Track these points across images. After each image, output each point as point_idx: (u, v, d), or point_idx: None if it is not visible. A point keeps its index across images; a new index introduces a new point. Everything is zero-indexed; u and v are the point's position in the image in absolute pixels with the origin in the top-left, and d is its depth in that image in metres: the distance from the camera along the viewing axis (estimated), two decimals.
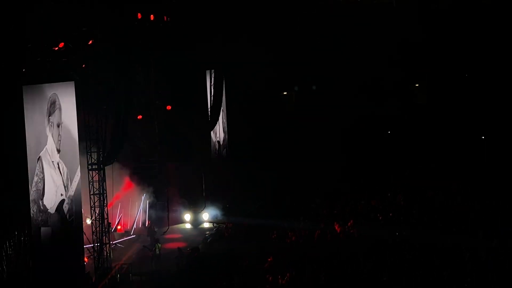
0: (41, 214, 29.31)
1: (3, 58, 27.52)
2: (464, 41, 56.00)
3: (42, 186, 29.53)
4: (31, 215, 28.61)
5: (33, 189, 28.95)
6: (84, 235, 33.32)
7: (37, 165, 29.23)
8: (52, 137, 30.22)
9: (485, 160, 51.62)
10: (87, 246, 34.28)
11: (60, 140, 30.75)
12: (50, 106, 30.26)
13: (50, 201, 30.03)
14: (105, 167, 34.60)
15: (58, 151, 30.71)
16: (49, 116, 30.03)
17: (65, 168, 31.08)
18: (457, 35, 56.36)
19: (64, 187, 30.95)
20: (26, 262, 27.80)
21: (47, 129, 29.90)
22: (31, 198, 28.72)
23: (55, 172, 30.42)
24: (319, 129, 56.24)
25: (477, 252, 31.98)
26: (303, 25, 55.55)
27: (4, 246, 27.36)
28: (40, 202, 29.30)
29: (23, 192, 28.14)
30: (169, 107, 44.62)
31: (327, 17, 56.58)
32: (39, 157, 29.36)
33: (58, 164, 30.66)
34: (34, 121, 29.07)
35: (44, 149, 29.74)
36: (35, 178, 29.11)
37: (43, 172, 29.58)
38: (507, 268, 29.80)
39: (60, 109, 30.76)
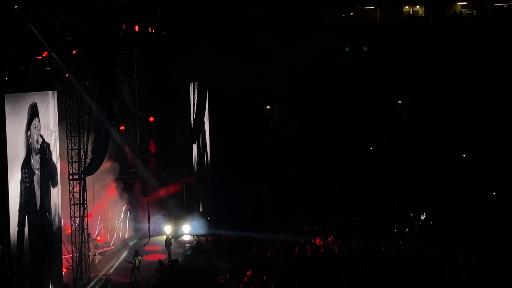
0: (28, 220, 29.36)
1: None
2: (447, 57, 56.33)
3: (29, 196, 29.56)
4: (18, 226, 28.60)
5: (22, 199, 28.95)
6: (63, 245, 33.14)
7: (22, 173, 29.13)
8: (32, 146, 30.09)
9: (466, 177, 51.82)
10: (66, 256, 34.09)
11: (40, 149, 30.66)
12: (31, 115, 30.11)
13: (33, 211, 29.98)
14: (86, 177, 34.43)
15: (40, 160, 30.63)
16: (29, 125, 29.88)
17: (47, 178, 31.05)
18: (441, 51, 56.70)
19: (45, 197, 30.86)
20: (4, 272, 27.58)
21: (28, 139, 29.77)
22: (19, 209, 28.70)
23: (37, 181, 30.35)
24: (302, 144, 56.49)
25: (456, 269, 32.11)
26: (288, 42, 55.82)
27: None
28: (26, 210, 29.26)
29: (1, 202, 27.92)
30: (151, 119, 44.55)
31: (312, 34, 56.87)
32: (22, 165, 29.20)
33: (39, 173, 30.56)
34: (16, 130, 28.90)
35: (26, 158, 29.58)
36: (22, 186, 29.05)
37: (27, 181, 29.49)
38: (486, 285, 29.93)
39: (39, 118, 30.66)
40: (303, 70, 55.60)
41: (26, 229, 29.16)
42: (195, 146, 48.15)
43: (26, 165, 29.55)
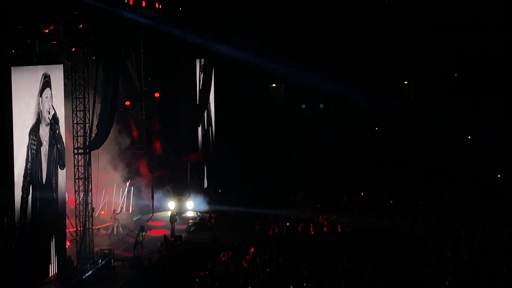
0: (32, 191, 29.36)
1: None
2: (455, 38, 56.11)
3: (35, 166, 29.55)
4: (21, 195, 28.63)
5: (28, 166, 28.90)
6: (67, 219, 33.26)
7: (29, 139, 29.12)
8: (43, 114, 30.14)
9: (472, 160, 51.81)
10: (69, 230, 34.21)
11: (50, 122, 30.73)
12: (44, 84, 30.15)
13: (39, 184, 30.02)
14: (91, 152, 34.49)
15: (49, 133, 30.69)
16: (41, 93, 29.92)
17: (55, 156, 31.14)
18: (449, 33, 56.46)
19: (51, 172, 30.92)
20: (9, 244, 27.70)
21: (39, 106, 29.80)
22: (24, 174, 28.70)
23: (44, 154, 30.38)
24: (307, 123, 56.55)
25: (459, 250, 32.18)
26: (295, 18, 55.60)
27: None
28: (31, 181, 29.31)
29: (7, 173, 27.93)
30: (157, 95, 44.56)
31: (318, 12, 56.65)
32: (30, 131, 29.22)
33: (47, 146, 30.60)
34: (28, 96, 28.96)
35: (35, 125, 29.60)
36: (29, 152, 29.04)
37: (34, 149, 29.49)
38: (487, 267, 29.96)
39: (51, 90, 30.72)
40: (309, 48, 55.49)
41: (29, 200, 29.16)
42: (200, 122, 48.14)
43: (34, 132, 29.54)
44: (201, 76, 47.35)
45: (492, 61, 55.93)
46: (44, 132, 30.36)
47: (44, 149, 30.39)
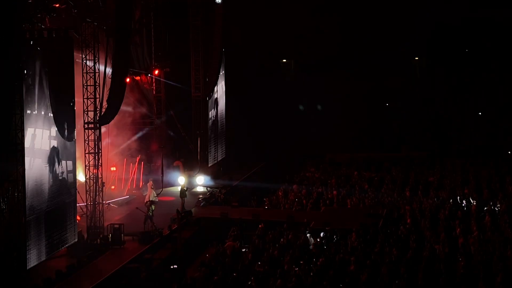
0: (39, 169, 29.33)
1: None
2: (465, 12, 55.79)
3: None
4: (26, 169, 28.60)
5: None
6: (77, 194, 33.34)
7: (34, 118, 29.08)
8: (46, 89, 30.05)
9: (481, 135, 51.76)
10: (80, 204, 34.30)
11: (54, 95, 30.61)
12: (44, 58, 30.03)
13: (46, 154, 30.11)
14: (101, 126, 34.50)
15: (53, 106, 30.63)
16: (42, 70, 29.82)
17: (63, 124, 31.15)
18: (459, 7, 56.10)
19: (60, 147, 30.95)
20: (19, 218, 27.77)
21: (43, 82, 29.73)
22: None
23: (52, 125, 30.38)
24: (317, 98, 56.55)
25: (469, 225, 32.19)
26: None
27: None
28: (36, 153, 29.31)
29: (17, 146, 27.95)
30: (167, 70, 44.53)
31: None
32: (35, 109, 29.08)
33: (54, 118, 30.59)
34: (30, 75, 28.83)
35: (38, 101, 29.46)
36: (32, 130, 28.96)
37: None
38: (498, 242, 29.96)
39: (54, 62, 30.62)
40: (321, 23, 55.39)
41: (36, 175, 29.22)
42: (210, 97, 48.11)
43: (41, 108, 29.41)
44: (212, 50, 47.22)
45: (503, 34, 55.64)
46: (48, 107, 30.20)
47: (51, 123, 30.28)
